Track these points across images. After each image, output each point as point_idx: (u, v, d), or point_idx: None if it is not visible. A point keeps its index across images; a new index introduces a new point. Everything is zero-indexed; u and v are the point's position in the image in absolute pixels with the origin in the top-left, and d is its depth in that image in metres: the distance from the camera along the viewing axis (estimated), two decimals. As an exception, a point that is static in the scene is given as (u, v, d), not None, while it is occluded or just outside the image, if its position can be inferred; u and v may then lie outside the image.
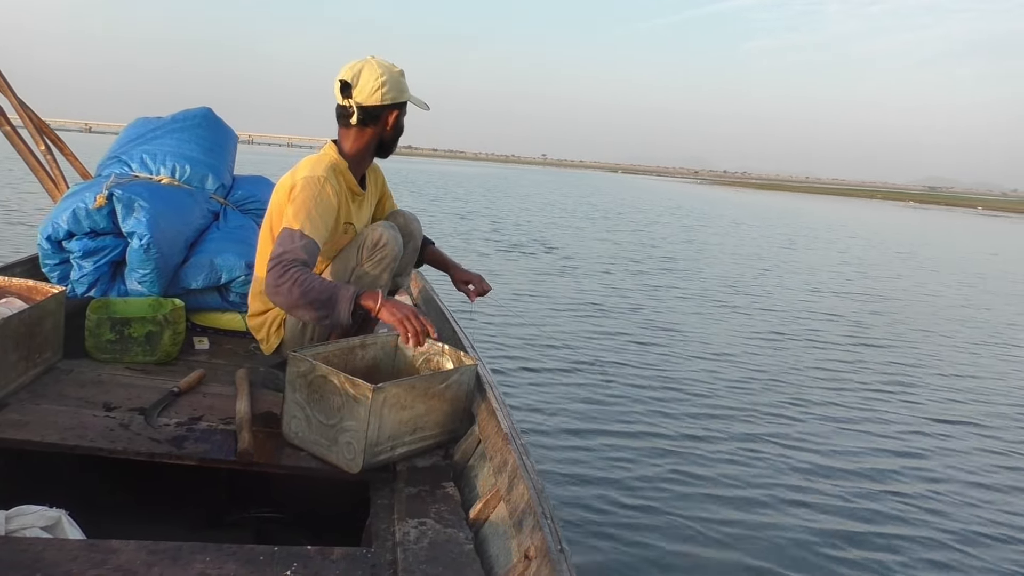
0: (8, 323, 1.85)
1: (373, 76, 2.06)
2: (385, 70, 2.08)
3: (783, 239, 17.44)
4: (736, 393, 4.61)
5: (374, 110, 2.09)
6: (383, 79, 2.07)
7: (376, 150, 2.22)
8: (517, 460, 1.53)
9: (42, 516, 1.37)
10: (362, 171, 2.24)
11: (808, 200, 54.86)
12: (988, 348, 6.87)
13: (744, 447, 3.67)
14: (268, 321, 2.24)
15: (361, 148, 2.16)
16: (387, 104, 2.09)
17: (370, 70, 2.07)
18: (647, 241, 14.06)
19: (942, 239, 23.39)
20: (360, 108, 2.08)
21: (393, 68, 2.11)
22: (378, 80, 2.06)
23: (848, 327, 7.19)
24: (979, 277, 12.76)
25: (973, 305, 9.50)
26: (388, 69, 2.09)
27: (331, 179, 2.06)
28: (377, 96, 2.07)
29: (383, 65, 2.09)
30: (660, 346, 5.70)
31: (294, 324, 2.17)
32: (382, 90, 2.06)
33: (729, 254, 13.08)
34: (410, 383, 1.71)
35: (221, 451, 1.72)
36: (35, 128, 3.25)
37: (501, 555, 1.39)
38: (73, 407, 1.86)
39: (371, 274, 2.10)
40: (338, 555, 1.34)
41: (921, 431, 4.25)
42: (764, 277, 10.33)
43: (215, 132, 3.12)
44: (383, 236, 2.08)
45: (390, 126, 2.15)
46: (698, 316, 7.09)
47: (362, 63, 2.09)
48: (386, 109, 2.11)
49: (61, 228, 2.53)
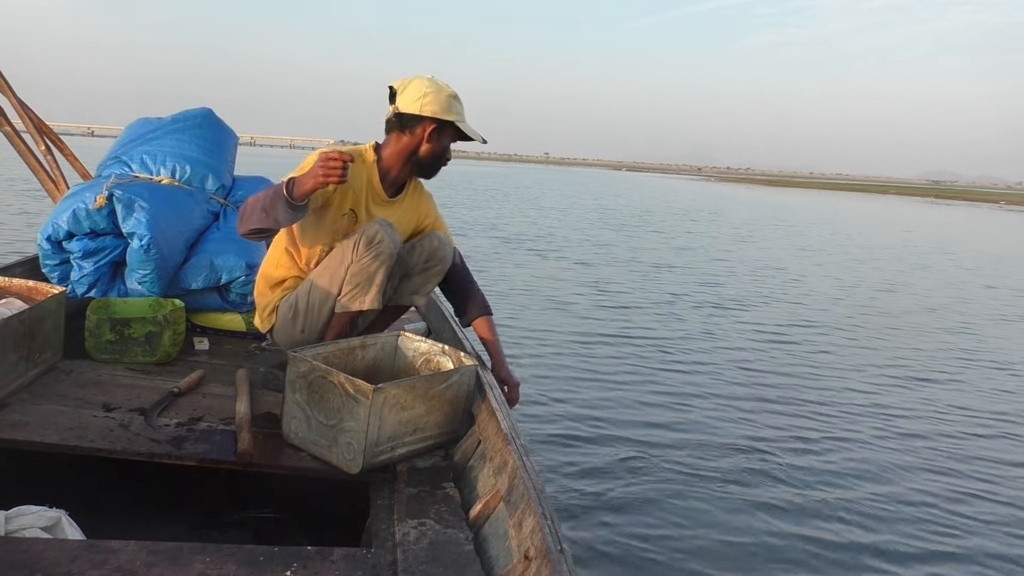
0: (8, 323, 1.85)
1: (418, 87, 2.11)
2: (433, 86, 2.11)
3: (886, 253, 14.84)
4: (748, 400, 4.61)
5: (410, 118, 2.12)
6: (426, 91, 2.10)
7: (415, 165, 2.21)
8: (517, 461, 1.53)
9: (42, 516, 1.37)
10: (394, 178, 2.23)
11: (830, 197, 52.59)
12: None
13: (752, 447, 3.67)
14: (265, 304, 2.29)
15: (394, 154, 2.19)
16: (424, 116, 2.10)
17: (419, 82, 2.12)
18: (717, 273, 10.30)
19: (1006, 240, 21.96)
20: (397, 114, 2.13)
21: (444, 88, 2.13)
22: (421, 91, 2.10)
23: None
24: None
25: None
26: (437, 86, 2.12)
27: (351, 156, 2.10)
28: (416, 105, 2.09)
29: (434, 82, 2.13)
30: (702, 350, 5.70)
31: (285, 313, 2.21)
32: (422, 100, 2.09)
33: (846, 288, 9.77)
34: (410, 383, 1.71)
35: (221, 451, 1.72)
36: (35, 129, 3.25)
37: (501, 555, 1.39)
38: (73, 407, 1.86)
39: (365, 271, 2.07)
40: (338, 555, 1.34)
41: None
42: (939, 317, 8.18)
43: (215, 133, 3.13)
44: (378, 234, 2.06)
45: (425, 140, 2.14)
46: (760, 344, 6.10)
47: (416, 77, 2.14)
48: (422, 120, 2.11)
49: (61, 228, 2.53)
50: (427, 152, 2.17)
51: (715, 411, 4.22)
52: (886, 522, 3.05)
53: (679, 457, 3.47)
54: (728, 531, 2.83)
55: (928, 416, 4.55)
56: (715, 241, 14.86)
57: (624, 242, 13.44)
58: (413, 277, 2.31)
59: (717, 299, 8.07)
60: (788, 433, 3.97)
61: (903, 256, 14.62)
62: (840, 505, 3.15)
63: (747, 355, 5.67)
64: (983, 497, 3.40)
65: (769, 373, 5.20)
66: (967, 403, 4.88)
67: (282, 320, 2.22)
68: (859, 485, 3.40)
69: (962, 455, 3.91)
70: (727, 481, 3.26)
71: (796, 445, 3.79)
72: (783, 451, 3.68)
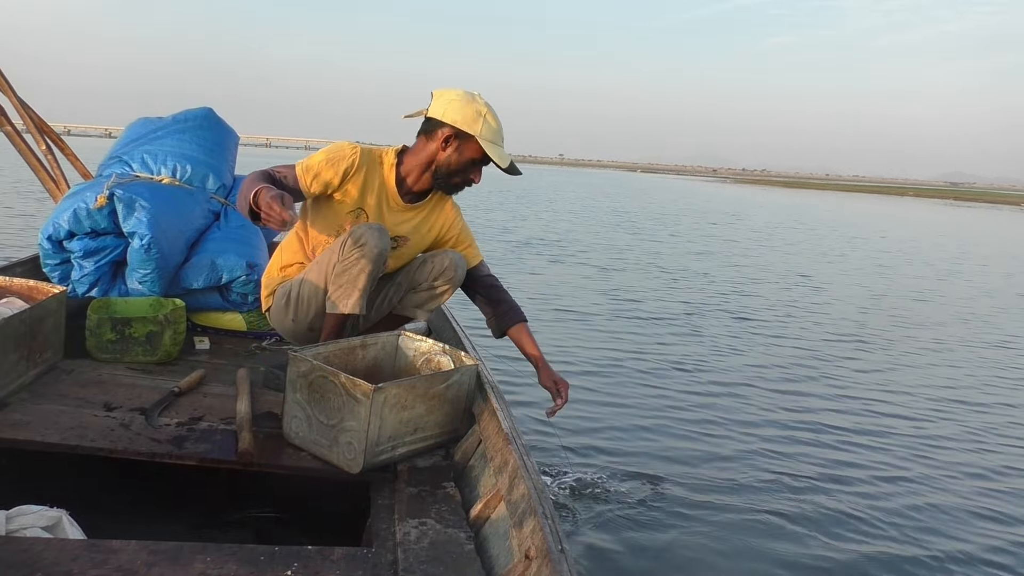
0: (9, 323, 1.85)
1: (451, 95, 2.10)
2: (465, 97, 2.09)
3: (914, 257, 13.93)
4: (760, 402, 4.60)
5: (434, 123, 2.10)
6: (455, 99, 2.08)
7: (431, 173, 2.16)
8: (518, 460, 1.53)
9: (42, 516, 1.37)
10: (411, 184, 2.19)
11: (849, 200, 50.45)
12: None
13: (760, 447, 3.67)
14: (268, 283, 2.32)
15: (415, 160, 2.17)
16: (447, 123, 2.07)
17: (454, 91, 2.11)
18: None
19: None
20: (426, 118, 2.12)
21: (478, 102, 2.09)
22: (450, 99, 2.09)
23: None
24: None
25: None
26: (470, 98, 2.09)
27: (363, 158, 2.11)
28: (440, 110, 2.08)
29: (469, 95, 2.10)
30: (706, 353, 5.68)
31: (280, 298, 2.23)
32: (447, 107, 2.07)
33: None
34: (410, 383, 1.71)
35: (221, 451, 1.72)
36: (36, 128, 3.25)
37: (501, 555, 1.39)
38: (74, 407, 1.86)
39: (348, 272, 2.03)
40: (338, 555, 1.34)
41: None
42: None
43: (216, 132, 3.13)
44: (364, 236, 2.02)
45: (444, 149, 2.10)
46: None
47: (460, 90, 2.12)
48: (443, 127, 2.08)
49: (62, 228, 2.53)
50: (444, 161, 2.12)
51: (724, 410, 4.21)
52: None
53: (687, 466, 3.43)
54: (731, 531, 2.82)
55: (981, 447, 4.00)
56: (735, 245, 13.93)
57: (640, 246, 12.71)
58: (419, 292, 2.28)
59: (739, 308, 7.49)
60: (809, 450, 3.78)
61: (934, 261, 13.77)
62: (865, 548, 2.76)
63: (769, 370, 5.20)
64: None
65: (793, 386, 4.96)
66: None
67: (276, 304, 2.25)
68: (899, 533, 2.93)
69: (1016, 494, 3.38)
70: (734, 482, 3.26)
71: (819, 468, 3.52)
72: (800, 463, 3.65)
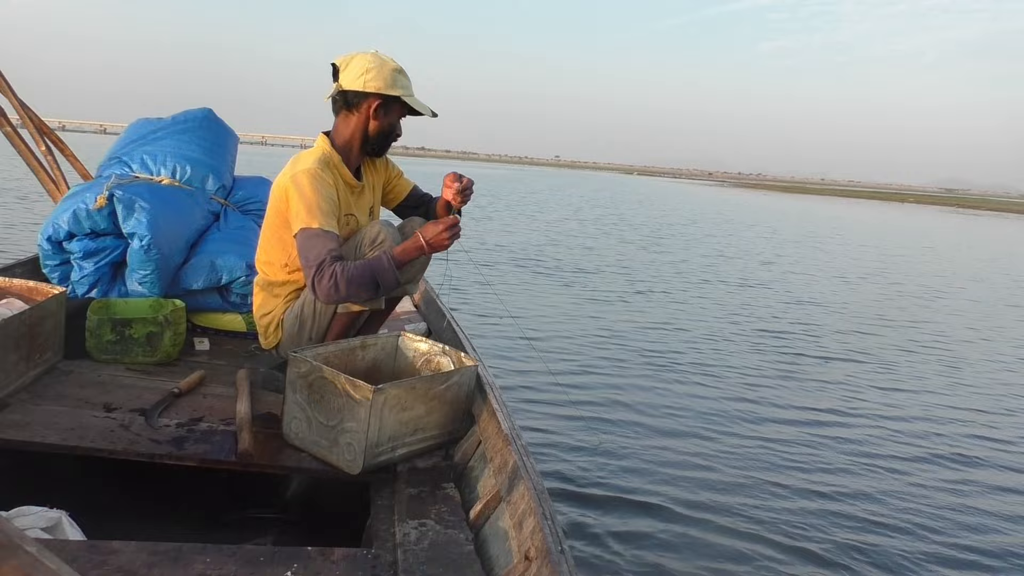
0: (9, 324, 1.85)
1: (361, 63, 2.06)
2: (376, 61, 2.07)
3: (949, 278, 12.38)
4: (770, 405, 4.60)
5: (354, 96, 2.08)
6: (369, 66, 2.05)
7: (364, 145, 2.17)
8: (517, 461, 1.53)
9: (42, 517, 1.37)
10: (355, 162, 2.21)
11: (851, 206, 49.42)
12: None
13: (760, 448, 3.67)
14: (268, 320, 2.24)
15: (348, 137, 2.14)
16: (368, 92, 2.06)
17: (361, 58, 2.07)
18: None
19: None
20: (341, 92, 2.09)
21: (388, 62, 2.08)
22: (363, 67, 2.05)
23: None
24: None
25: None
26: (380, 61, 2.07)
27: (324, 171, 2.06)
28: (359, 82, 2.05)
29: (378, 57, 2.08)
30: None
31: (291, 326, 2.17)
32: (365, 76, 2.05)
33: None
34: (410, 384, 1.71)
35: (221, 452, 1.72)
36: (36, 129, 3.25)
37: (501, 556, 1.39)
38: (73, 408, 1.87)
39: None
40: (338, 556, 1.34)
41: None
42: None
43: (216, 133, 3.13)
44: (380, 233, 2.07)
45: (371, 117, 2.11)
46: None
47: (359, 52, 2.09)
48: (367, 97, 2.07)
49: (62, 229, 2.53)
50: (375, 129, 2.13)
51: (725, 411, 4.22)
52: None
53: (692, 470, 3.44)
54: (732, 531, 2.82)
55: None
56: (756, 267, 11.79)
57: (653, 260, 11.35)
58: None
59: (767, 327, 6.87)
60: (809, 456, 3.78)
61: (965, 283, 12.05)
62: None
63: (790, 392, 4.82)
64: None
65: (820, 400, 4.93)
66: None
67: (288, 333, 2.18)
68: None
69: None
70: (735, 482, 3.26)
71: (820, 474, 3.49)
72: (801, 460, 3.67)
